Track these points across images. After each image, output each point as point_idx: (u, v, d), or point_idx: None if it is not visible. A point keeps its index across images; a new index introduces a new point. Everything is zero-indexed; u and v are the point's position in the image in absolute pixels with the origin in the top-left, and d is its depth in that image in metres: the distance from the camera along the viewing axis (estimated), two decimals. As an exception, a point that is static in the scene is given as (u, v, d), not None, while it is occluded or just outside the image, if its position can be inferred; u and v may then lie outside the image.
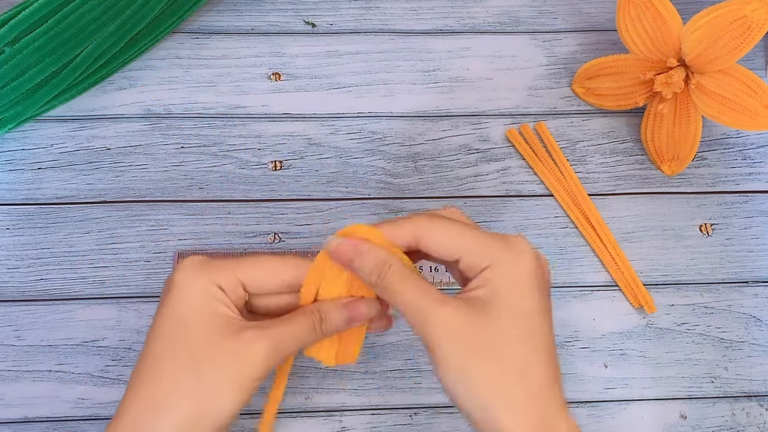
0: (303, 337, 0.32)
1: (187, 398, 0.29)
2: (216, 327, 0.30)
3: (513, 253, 0.30)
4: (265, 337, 0.30)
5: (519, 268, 0.30)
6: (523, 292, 0.30)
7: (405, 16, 0.55)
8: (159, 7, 0.50)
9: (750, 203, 0.50)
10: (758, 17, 0.42)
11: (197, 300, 0.30)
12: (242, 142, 0.50)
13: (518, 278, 0.30)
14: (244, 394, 0.30)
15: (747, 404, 0.45)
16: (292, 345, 0.31)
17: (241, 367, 0.30)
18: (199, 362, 0.29)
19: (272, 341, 0.30)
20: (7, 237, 0.47)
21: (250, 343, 0.30)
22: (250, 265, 0.32)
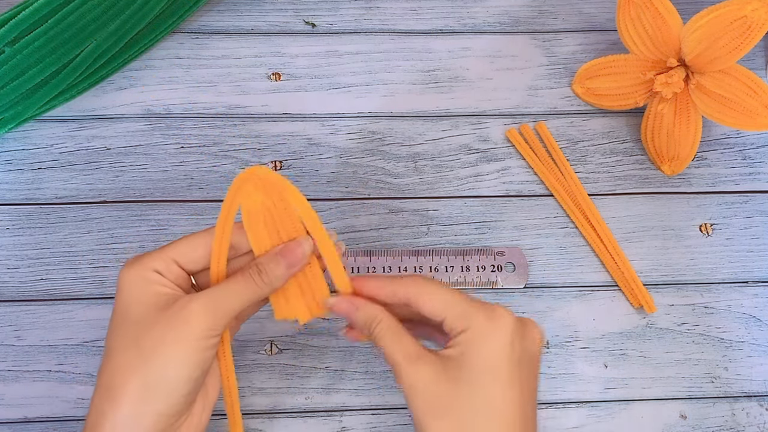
0: (242, 291, 0.33)
1: (133, 375, 0.30)
2: (154, 305, 0.31)
3: (491, 321, 0.31)
4: (197, 297, 0.31)
5: (492, 337, 0.31)
6: (491, 360, 0.31)
7: (405, 16, 0.55)
8: (159, 7, 0.50)
9: (750, 203, 0.50)
10: (758, 17, 0.42)
11: (135, 288, 0.32)
12: (242, 142, 0.50)
13: (489, 346, 0.31)
14: (194, 356, 0.31)
15: (747, 404, 0.45)
16: (233, 301, 0.32)
17: (178, 331, 0.31)
18: (139, 340, 0.31)
19: (206, 299, 0.31)
20: (7, 237, 0.47)
21: (184, 307, 0.31)
22: (180, 243, 0.33)
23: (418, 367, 0.31)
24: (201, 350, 0.31)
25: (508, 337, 0.31)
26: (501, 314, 0.32)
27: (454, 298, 0.32)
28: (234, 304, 0.32)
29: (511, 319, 0.32)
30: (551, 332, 0.46)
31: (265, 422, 0.43)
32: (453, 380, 0.31)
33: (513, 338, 0.31)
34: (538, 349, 0.33)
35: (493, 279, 0.46)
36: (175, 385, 0.31)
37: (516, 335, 0.32)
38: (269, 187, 0.34)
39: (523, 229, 0.48)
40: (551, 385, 0.45)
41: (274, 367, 0.44)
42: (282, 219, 0.34)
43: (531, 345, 0.32)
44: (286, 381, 0.44)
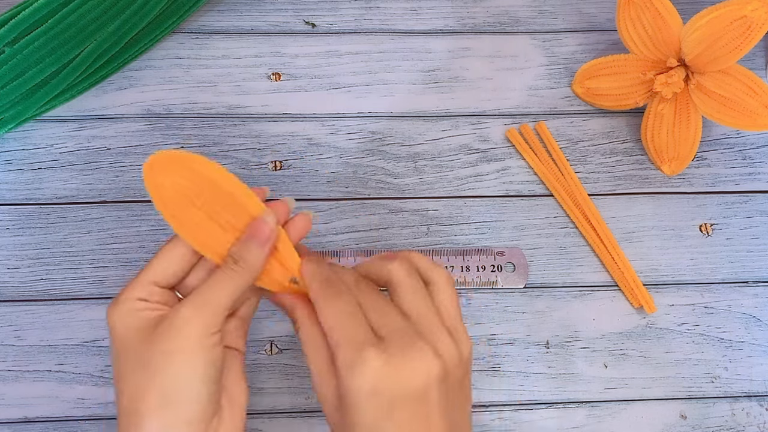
0: (225, 283, 0.32)
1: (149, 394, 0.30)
2: (147, 329, 0.31)
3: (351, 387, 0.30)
4: (184, 302, 0.31)
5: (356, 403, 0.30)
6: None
7: (405, 16, 0.55)
8: (159, 7, 0.50)
9: (750, 203, 0.50)
10: (758, 17, 0.42)
11: (125, 322, 0.32)
12: (242, 142, 0.50)
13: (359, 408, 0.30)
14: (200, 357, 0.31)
15: (747, 404, 0.45)
16: (220, 295, 0.32)
17: (177, 339, 0.30)
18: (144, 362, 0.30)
19: (193, 301, 0.31)
20: (7, 237, 0.47)
21: (175, 315, 0.31)
22: (154, 264, 0.33)
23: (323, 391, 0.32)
24: (205, 350, 0.31)
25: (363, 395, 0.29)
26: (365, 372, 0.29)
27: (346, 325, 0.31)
28: (221, 298, 0.32)
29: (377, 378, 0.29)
30: (551, 332, 0.46)
31: (265, 422, 0.43)
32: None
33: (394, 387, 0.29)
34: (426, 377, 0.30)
35: (493, 279, 0.46)
36: (192, 390, 0.30)
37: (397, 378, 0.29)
38: (177, 166, 0.32)
39: (523, 229, 0.48)
40: (551, 385, 0.45)
41: (274, 367, 0.44)
42: (215, 196, 0.33)
43: (413, 377, 0.30)
44: (286, 381, 0.44)
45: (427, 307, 0.32)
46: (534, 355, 0.45)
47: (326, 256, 0.46)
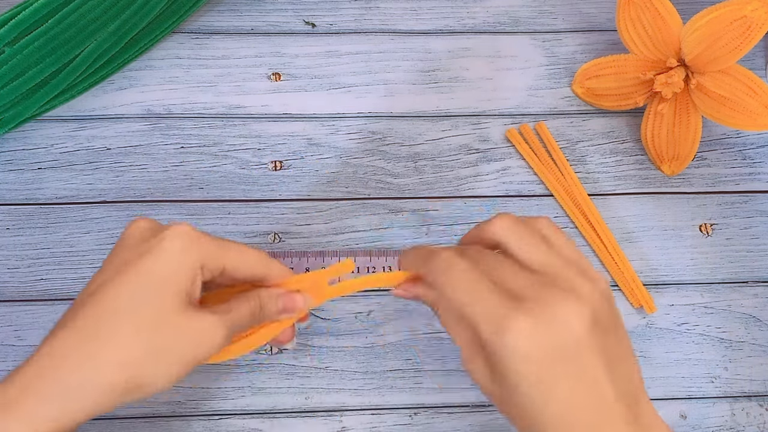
0: (245, 322, 0.33)
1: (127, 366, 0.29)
2: (182, 304, 0.31)
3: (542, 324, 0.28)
4: (223, 324, 0.32)
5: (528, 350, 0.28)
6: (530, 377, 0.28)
7: (405, 16, 0.55)
8: (159, 7, 0.50)
9: (750, 203, 0.50)
10: (758, 17, 0.42)
11: (179, 275, 0.31)
12: (242, 142, 0.50)
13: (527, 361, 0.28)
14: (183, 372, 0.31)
15: (747, 404, 0.45)
16: (237, 330, 0.33)
17: (197, 349, 0.31)
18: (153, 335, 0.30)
19: (228, 328, 0.32)
20: (7, 237, 0.47)
21: (212, 330, 0.31)
22: (236, 257, 0.33)
23: (474, 363, 0.30)
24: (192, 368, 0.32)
25: (545, 346, 0.28)
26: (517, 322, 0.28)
27: (475, 297, 0.29)
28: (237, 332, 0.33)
29: (530, 327, 0.28)
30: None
31: (265, 422, 0.43)
32: (502, 386, 0.29)
33: (548, 344, 0.28)
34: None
35: (493, 279, 0.46)
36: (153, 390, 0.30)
37: (551, 335, 0.28)
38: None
39: (523, 229, 0.48)
40: (551, 385, 0.44)
41: (274, 367, 0.44)
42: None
43: (562, 332, 0.28)
44: (286, 381, 0.44)
45: (548, 254, 0.31)
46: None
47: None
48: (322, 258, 0.46)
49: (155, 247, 0.31)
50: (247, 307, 0.33)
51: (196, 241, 0.31)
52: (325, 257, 0.46)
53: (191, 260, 0.31)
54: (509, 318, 0.28)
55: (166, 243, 0.31)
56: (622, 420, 0.28)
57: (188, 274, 0.31)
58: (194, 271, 0.31)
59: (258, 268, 0.34)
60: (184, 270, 0.31)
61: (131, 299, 0.30)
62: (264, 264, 0.34)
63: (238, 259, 0.33)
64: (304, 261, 0.46)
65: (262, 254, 0.35)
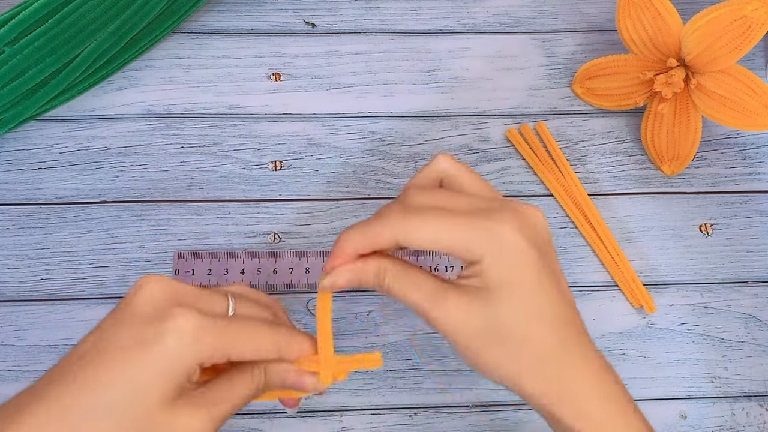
0: (242, 401, 0.30)
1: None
2: (170, 402, 0.28)
3: (498, 246, 0.30)
4: (212, 421, 0.29)
5: (506, 260, 0.30)
6: (513, 277, 0.30)
7: (405, 16, 0.55)
8: (159, 7, 0.50)
9: (750, 203, 0.50)
10: (758, 17, 0.42)
11: (172, 376, 0.28)
12: (242, 142, 0.50)
13: (507, 271, 0.30)
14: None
15: (747, 404, 0.45)
16: (234, 409, 0.30)
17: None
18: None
19: (217, 421, 0.29)
20: (7, 237, 0.47)
21: (198, 428, 0.28)
22: (244, 347, 0.30)
23: (446, 306, 0.30)
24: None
25: (520, 250, 0.30)
26: (503, 232, 0.30)
27: (446, 230, 0.30)
28: (232, 411, 0.30)
29: (515, 228, 0.30)
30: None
31: (265, 422, 0.43)
32: (483, 301, 0.30)
33: (525, 247, 0.30)
34: (547, 232, 0.32)
35: (493, 279, 0.46)
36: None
37: (525, 239, 0.30)
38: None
39: (523, 229, 0.48)
40: (551, 385, 0.45)
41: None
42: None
43: (540, 234, 0.31)
44: (286, 381, 0.44)
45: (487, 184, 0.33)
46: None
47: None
48: (322, 258, 0.46)
49: (150, 343, 0.28)
50: (246, 387, 0.30)
51: (199, 339, 0.28)
52: (325, 257, 0.46)
53: (189, 362, 0.28)
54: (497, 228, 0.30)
55: (162, 341, 0.28)
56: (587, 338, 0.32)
57: (183, 375, 0.28)
58: (191, 371, 0.29)
59: (270, 354, 0.30)
60: (179, 371, 0.28)
61: (117, 397, 0.28)
62: (277, 348, 0.31)
63: (247, 348, 0.30)
64: (304, 261, 0.46)
65: (280, 335, 0.31)
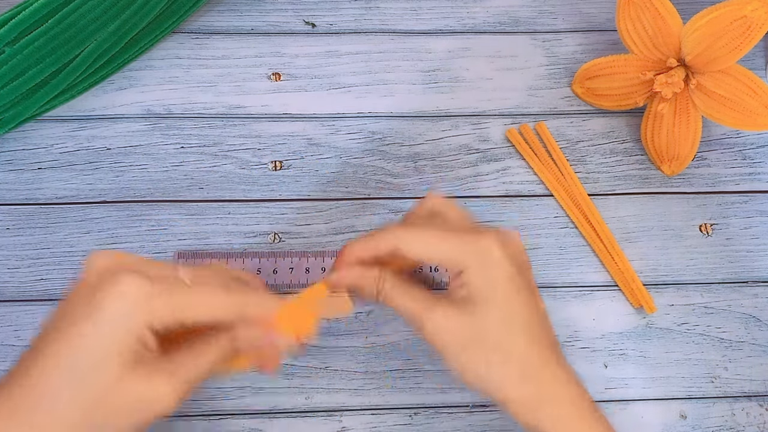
0: (210, 366, 0.31)
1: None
2: (126, 368, 0.29)
3: (482, 256, 0.33)
4: (175, 385, 0.30)
5: (489, 269, 0.33)
6: (496, 286, 0.33)
7: (405, 16, 0.55)
8: (159, 7, 0.50)
9: (750, 203, 0.50)
10: (758, 17, 0.42)
11: (121, 342, 0.29)
12: (242, 142, 0.50)
13: (490, 277, 0.33)
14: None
15: (747, 404, 0.45)
16: (203, 375, 0.31)
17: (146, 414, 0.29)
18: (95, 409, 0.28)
19: (182, 387, 0.30)
20: (7, 237, 0.47)
21: (162, 393, 0.29)
22: (198, 311, 0.30)
23: (436, 314, 0.33)
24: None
25: (502, 263, 0.33)
26: (487, 246, 0.34)
27: (438, 243, 0.34)
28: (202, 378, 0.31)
29: (497, 244, 0.34)
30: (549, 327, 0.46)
31: (265, 422, 0.43)
32: (470, 314, 0.33)
33: (505, 261, 0.34)
34: (525, 254, 0.36)
35: (493, 279, 0.46)
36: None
37: (506, 256, 0.34)
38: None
39: (523, 229, 0.48)
40: (551, 385, 0.44)
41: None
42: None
43: (519, 254, 0.35)
44: (286, 381, 0.44)
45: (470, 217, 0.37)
46: (534, 355, 0.45)
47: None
48: (322, 258, 0.46)
49: (95, 311, 0.29)
50: (213, 352, 0.31)
51: (146, 301, 0.29)
52: (325, 257, 0.46)
53: (138, 325, 0.29)
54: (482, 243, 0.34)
55: (106, 307, 0.29)
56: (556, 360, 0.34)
57: (134, 339, 0.29)
58: (138, 335, 0.29)
59: (228, 315, 0.31)
60: (128, 335, 0.29)
61: (72, 370, 0.28)
62: (236, 310, 0.31)
63: (200, 311, 0.30)
64: (304, 261, 0.46)
65: (236, 296, 0.31)
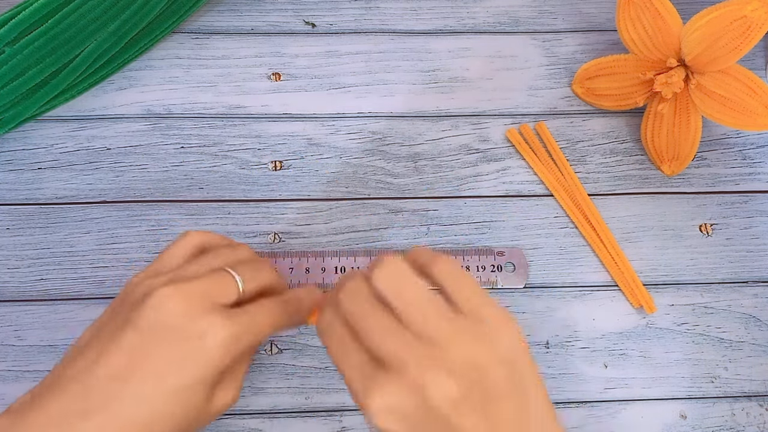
0: (275, 327, 0.33)
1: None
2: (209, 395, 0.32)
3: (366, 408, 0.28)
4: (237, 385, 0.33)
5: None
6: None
7: (405, 16, 0.55)
8: (159, 7, 0.50)
9: (750, 203, 0.50)
10: (758, 17, 0.42)
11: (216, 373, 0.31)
12: (242, 142, 0.50)
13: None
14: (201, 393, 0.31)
15: (747, 404, 0.45)
16: (261, 335, 0.33)
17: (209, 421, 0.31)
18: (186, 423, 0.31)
19: (239, 386, 0.32)
20: (7, 237, 0.47)
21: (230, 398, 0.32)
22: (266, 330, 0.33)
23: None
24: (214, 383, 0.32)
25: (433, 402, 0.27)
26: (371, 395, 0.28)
27: (344, 360, 0.30)
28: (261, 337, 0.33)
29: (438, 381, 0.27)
30: (551, 332, 0.46)
31: (265, 422, 0.43)
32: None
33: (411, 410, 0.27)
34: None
35: (493, 279, 0.46)
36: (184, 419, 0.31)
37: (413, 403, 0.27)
38: None
39: (523, 229, 0.48)
40: (551, 385, 0.45)
41: (274, 367, 0.44)
42: None
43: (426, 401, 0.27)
44: (286, 381, 0.44)
45: (435, 307, 0.28)
46: (534, 355, 0.45)
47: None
48: (322, 258, 0.46)
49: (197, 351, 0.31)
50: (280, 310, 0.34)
51: (233, 342, 0.31)
52: (325, 257, 0.46)
53: (227, 361, 0.31)
54: (367, 380, 0.28)
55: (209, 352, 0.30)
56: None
57: (219, 370, 0.31)
58: (222, 369, 0.32)
59: (284, 325, 0.35)
60: (218, 370, 0.31)
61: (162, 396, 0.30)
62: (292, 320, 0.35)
63: (269, 332, 0.33)
64: (304, 261, 0.46)
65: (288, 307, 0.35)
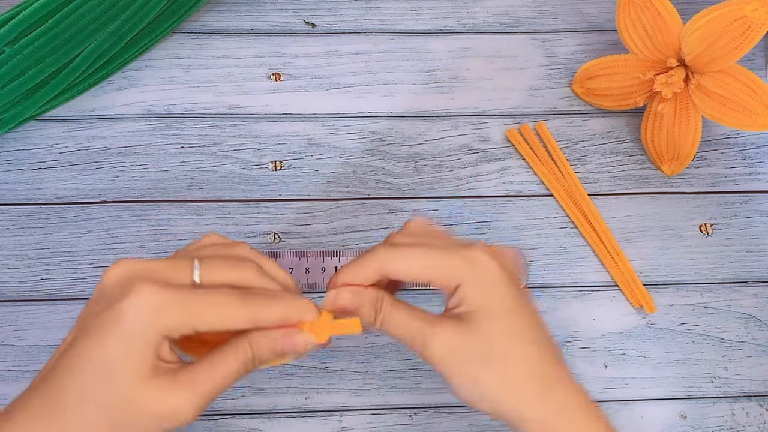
0: (233, 377, 0.31)
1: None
2: (145, 378, 0.29)
3: (475, 269, 0.33)
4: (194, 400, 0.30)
5: (485, 282, 0.33)
6: (495, 300, 0.33)
7: (405, 16, 0.55)
8: (159, 7, 0.50)
9: (750, 203, 0.50)
10: (758, 17, 0.42)
11: (137, 352, 0.29)
12: (242, 142, 0.50)
13: (487, 291, 0.33)
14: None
15: (747, 404, 0.45)
16: (221, 387, 0.31)
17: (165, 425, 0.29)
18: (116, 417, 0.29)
19: (201, 401, 0.30)
20: (7, 237, 0.47)
21: (181, 407, 0.30)
22: (211, 319, 0.30)
23: (440, 333, 0.32)
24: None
25: (496, 275, 0.33)
26: (478, 257, 0.33)
27: (426, 260, 0.33)
28: (221, 389, 0.31)
29: (487, 254, 0.33)
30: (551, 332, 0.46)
31: (265, 422, 0.43)
32: (473, 331, 0.32)
33: (498, 268, 0.33)
34: (516, 267, 0.35)
35: (493, 279, 0.46)
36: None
37: (498, 264, 0.33)
38: None
39: (523, 229, 0.48)
40: (551, 385, 0.45)
41: (274, 367, 0.44)
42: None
43: (513, 269, 0.34)
44: (286, 381, 0.44)
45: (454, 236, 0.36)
46: (534, 355, 0.45)
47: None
48: (322, 258, 0.46)
49: (113, 321, 0.29)
50: (234, 360, 0.31)
51: (159, 312, 0.29)
52: (325, 257, 0.46)
53: (153, 335, 0.29)
54: (473, 255, 0.33)
55: (122, 320, 0.29)
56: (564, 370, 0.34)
57: (150, 350, 0.29)
58: (157, 345, 0.29)
59: (242, 323, 0.30)
60: (144, 346, 0.29)
61: (94, 381, 0.29)
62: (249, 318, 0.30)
63: (213, 318, 0.30)
64: (304, 261, 0.46)
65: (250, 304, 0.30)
